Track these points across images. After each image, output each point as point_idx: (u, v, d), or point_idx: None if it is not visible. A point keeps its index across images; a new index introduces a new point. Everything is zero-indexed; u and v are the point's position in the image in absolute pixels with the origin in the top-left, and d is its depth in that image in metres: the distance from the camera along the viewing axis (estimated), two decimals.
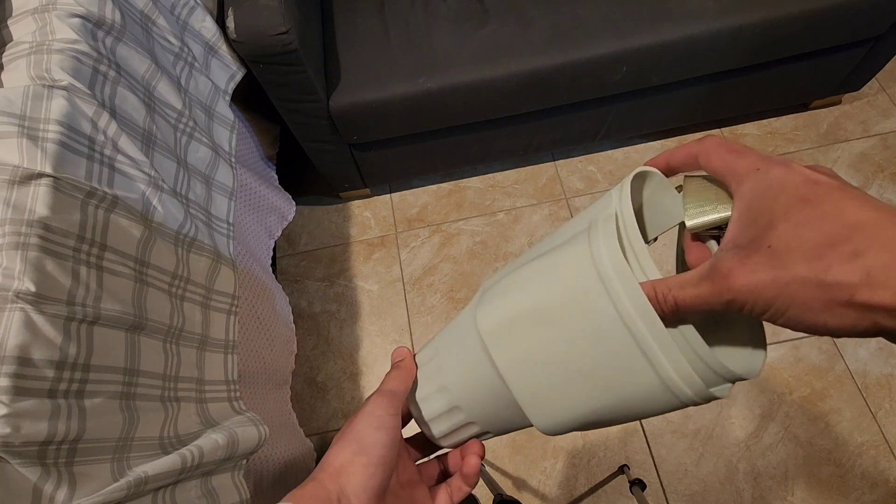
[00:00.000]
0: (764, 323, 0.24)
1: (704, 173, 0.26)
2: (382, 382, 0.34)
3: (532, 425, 0.29)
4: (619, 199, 0.25)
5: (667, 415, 1.18)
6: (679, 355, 0.22)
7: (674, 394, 0.23)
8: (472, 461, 0.34)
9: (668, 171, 0.28)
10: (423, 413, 0.34)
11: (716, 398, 0.23)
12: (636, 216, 0.25)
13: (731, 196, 0.24)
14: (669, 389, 0.23)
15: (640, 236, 0.24)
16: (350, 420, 0.32)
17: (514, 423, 0.31)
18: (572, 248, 0.25)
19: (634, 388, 0.24)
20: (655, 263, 0.25)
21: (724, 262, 0.21)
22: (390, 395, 0.32)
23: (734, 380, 0.23)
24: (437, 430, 0.34)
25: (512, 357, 0.27)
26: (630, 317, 0.23)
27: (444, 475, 0.38)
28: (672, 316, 0.23)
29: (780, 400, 1.18)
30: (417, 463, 0.38)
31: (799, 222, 0.20)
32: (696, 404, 0.24)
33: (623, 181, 0.25)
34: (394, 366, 0.35)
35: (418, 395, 0.34)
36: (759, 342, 0.26)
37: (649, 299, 0.23)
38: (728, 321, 0.27)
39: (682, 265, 0.29)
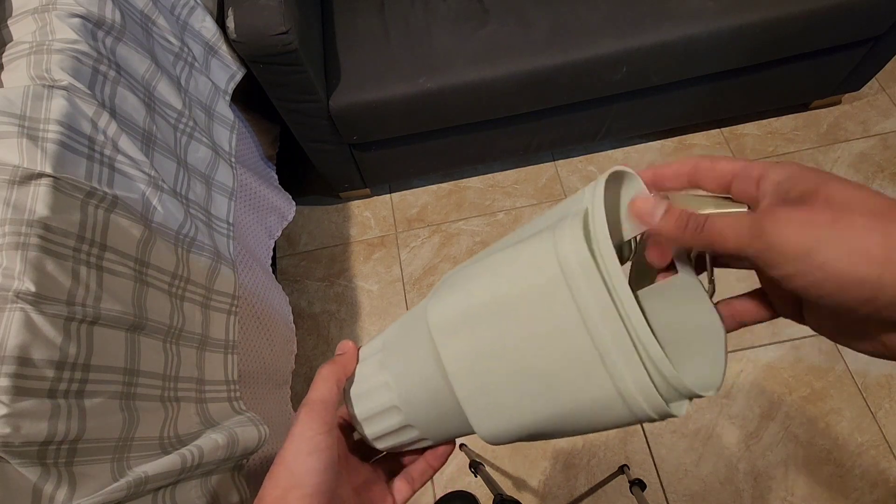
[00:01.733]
0: (726, 342, 0.24)
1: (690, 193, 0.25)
2: (312, 385, 0.30)
3: (474, 432, 0.27)
4: (592, 197, 0.23)
5: None
6: (639, 365, 0.21)
7: (629, 407, 0.22)
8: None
9: (654, 187, 0.26)
10: (357, 412, 0.31)
11: (671, 416, 0.22)
12: (610, 217, 0.23)
13: (725, 199, 0.23)
14: (625, 402, 0.22)
15: (608, 236, 0.21)
16: (282, 447, 0.29)
17: (456, 429, 0.29)
18: (535, 242, 0.23)
19: (588, 396, 0.22)
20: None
21: (775, 210, 0.20)
22: (321, 406, 0.29)
23: (692, 396, 0.22)
24: (370, 430, 0.31)
25: (460, 354, 0.25)
26: (592, 317, 0.21)
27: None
28: (686, 239, 0.22)
29: (780, 400, 1.18)
30: (374, 460, 0.36)
31: (853, 186, 0.20)
32: (650, 420, 0.22)
33: (598, 179, 0.24)
34: (329, 361, 0.32)
35: (356, 390, 0.32)
36: (719, 359, 0.24)
37: (673, 217, 0.22)
38: (687, 336, 0.25)
39: (637, 266, 0.28)
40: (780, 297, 0.25)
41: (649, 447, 1.17)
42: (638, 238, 0.27)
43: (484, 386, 0.25)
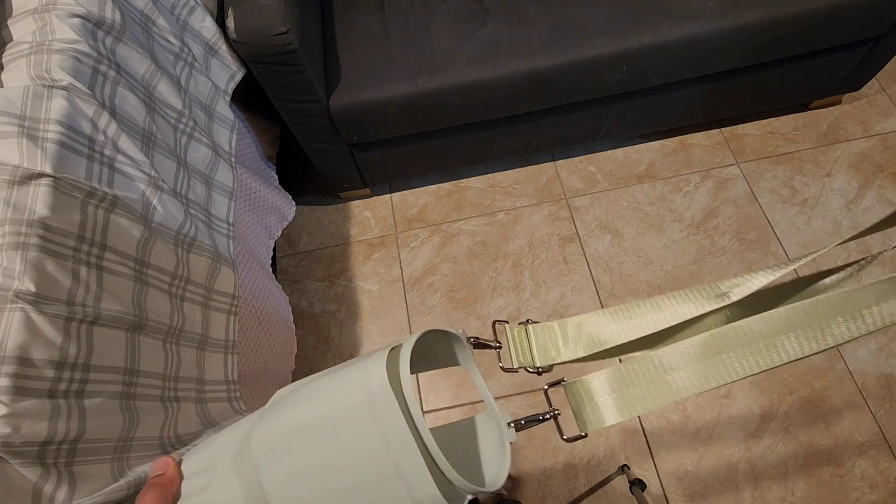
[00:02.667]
0: (510, 453, 0.27)
1: None
2: None
3: None
4: (406, 342, 0.26)
5: (666, 415, 1.18)
6: (428, 478, 0.24)
7: None
8: None
9: None
10: None
11: None
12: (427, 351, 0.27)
13: None
14: None
15: (409, 371, 0.25)
16: None
17: None
18: (351, 370, 0.27)
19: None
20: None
21: None
22: None
23: (478, 494, 0.25)
24: None
25: (279, 477, 0.26)
26: (390, 442, 0.24)
27: None
28: None
29: (780, 400, 1.18)
30: None
31: None
32: None
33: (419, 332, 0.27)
34: (149, 483, 0.29)
35: None
36: (503, 456, 0.28)
37: None
38: (472, 441, 0.29)
39: None
40: None
41: (649, 447, 1.17)
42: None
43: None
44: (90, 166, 0.63)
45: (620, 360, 0.30)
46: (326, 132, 1.21)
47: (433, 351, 0.30)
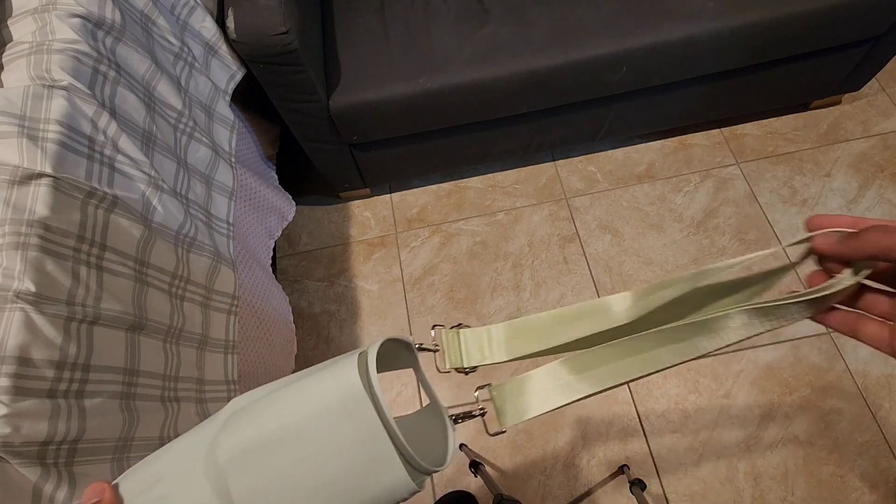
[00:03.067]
0: (454, 439, 0.31)
1: None
2: None
3: None
4: (372, 347, 0.29)
5: (666, 415, 1.18)
6: (401, 466, 0.27)
7: (392, 498, 0.27)
8: None
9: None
10: None
11: (417, 490, 0.28)
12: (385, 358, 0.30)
13: None
14: (390, 494, 0.27)
15: (376, 373, 0.27)
16: None
17: None
18: (319, 377, 0.28)
19: (361, 498, 0.27)
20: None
21: None
22: None
23: (430, 473, 0.28)
24: None
25: (253, 486, 0.27)
26: (365, 435, 0.27)
27: None
28: (878, 249, 0.25)
29: (780, 400, 1.18)
30: None
31: None
32: (404, 500, 0.28)
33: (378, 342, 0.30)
34: None
35: None
36: (448, 437, 0.32)
37: (833, 238, 0.27)
38: (429, 435, 0.33)
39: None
40: None
41: (649, 447, 1.17)
42: None
43: None
44: (90, 166, 0.64)
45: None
46: (326, 132, 1.21)
47: (390, 356, 0.33)
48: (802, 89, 1.40)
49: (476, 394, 0.36)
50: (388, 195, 1.54)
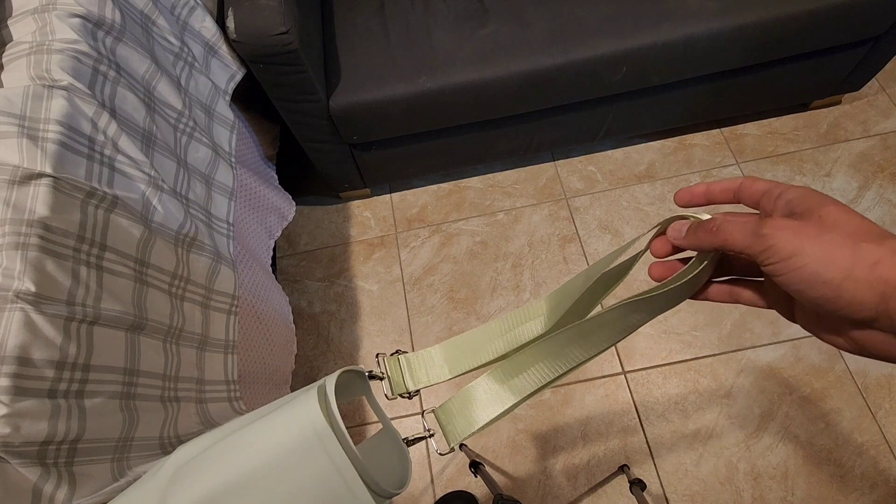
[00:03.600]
0: (409, 460, 0.33)
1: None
2: None
3: None
4: (329, 382, 0.29)
5: (666, 415, 1.18)
6: (367, 495, 0.27)
7: None
8: None
9: (708, 202, 0.33)
10: None
11: None
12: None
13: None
14: None
15: (336, 407, 0.28)
16: None
17: None
18: (272, 418, 0.28)
19: None
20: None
21: (775, 220, 0.27)
22: None
23: (393, 496, 0.29)
24: None
25: None
26: (332, 468, 0.27)
27: None
28: (704, 240, 0.30)
29: (780, 400, 1.18)
30: None
31: (843, 211, 0.26)
32: None
33: (330, 377, 0.30)
34: None
35: None
36: (407, 470, 0.33)
37: (693, 228, 0.30)
38: (388, 458, 0.34)
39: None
40: (775, 294, 0.31)
41: (649, 447, 1.17)
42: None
43: None
44: (90, 166, 0.63)
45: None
46: (326, 132, 1.21)
47: (345, 386, 0.33)
48: (802, 89, 1.40)
49: (423, 419, 0.37)
50: (388, 195, 1.54)
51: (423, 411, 0.38)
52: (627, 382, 1.24)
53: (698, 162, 1.48)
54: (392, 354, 0.38)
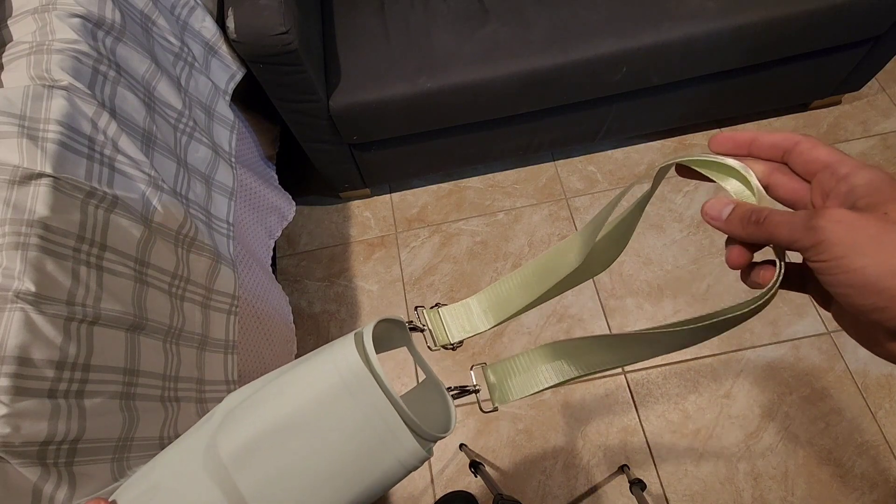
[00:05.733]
0: (453, 407, 0.33)
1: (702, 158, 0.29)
2: None
3: None
4: (366, 327, 0.29)
5: (666, 415, 1.18)
6: (410, 437, 0.27)
7: (405, 468, 0.28)
8: None
9: (749, 153, 0.28)
10: None
11: (428, 457, 0.29)
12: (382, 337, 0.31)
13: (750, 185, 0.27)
14: (403, 465, 0.28)
15: (374, 351, 0.28)
16: None
17: None
18: (315, 362, 0.28)
19: (376, 473, 0.27)
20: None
21: (832, 211, 0.23)
22: None
23: (437, 440, 0.29)
24: None
25: (261, 477, 0.26)
26: (372, 412, 0.27)
27: None
28: (749, 232, 0.26)
29: (780, 400, 1.18)
30: None
31: None
32: (415, 468, 0.28)
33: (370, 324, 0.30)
34: None
35: None
36: (450, 415, 0.33)
37: (737, 214, 0.26)
38: (432, 406, 0.34)
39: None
40: (816, 281, 0.27)
41: (649, 447, 1.17)
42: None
43: (287, 501, 0.27)
44: (90, 166, 0.63)
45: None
46: (326, 132, 1.21)
47: (384, 337, 0.33)
48: (802, 89, 1.40)
49: (471, 372, 0.37)
50: (388, 195, 1.54)
51: (473, 366, 0.38)
52: (627, 382, 1.23)
53: None
54: (431, 308, 0.38)
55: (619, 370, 1.24)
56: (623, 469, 1.13)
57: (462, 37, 1.15)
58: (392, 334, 0.34)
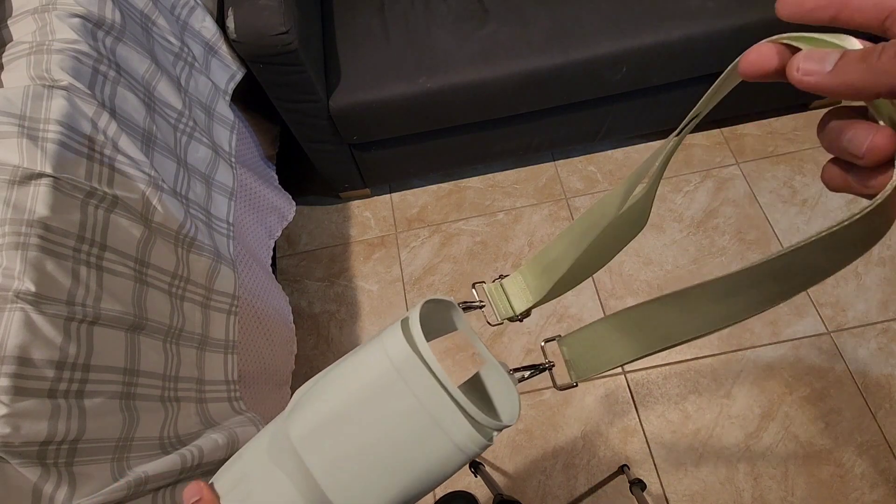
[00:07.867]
0: (517, 393, 0.31)
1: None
2: None
3: None
4: (413, 312, 0.29)
5: (666, 415, 1.18)
6: (465, 422, 0.27)
7: (464, 453, 0.28)
8: None
9: (836, 13, 0.20)
10: None
11: (489, 444, 0.29)
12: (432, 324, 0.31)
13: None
14: (461, 450, 0.28)
15: (422, 335, 0.28)
16: None
17: None
18: (367, 350, 0.29)
19: (434, 457, 0.28)
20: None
21: None
22: None
23: (502, 428, 0.29)
24: None
25: (325, 459, 0.28)
26: (424, 397, 0.27)
27: None
28: (882, 68, 0.18)
29: (780, 400, 1.18)
30: None
31: None
32: (476, 455, 0.29)
33: (420, 302, 0.30)
34: None
35: None
36: (513, 393, 0.32)
37: (853, 59, 0.19)
38: (495, 393, 0.33)
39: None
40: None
41: (649, 447, 1.17)
42: None
43: (350, 482, 0.28)
44: (90, 166, 0.64)
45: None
46: (326, 132, 1.21)
47: (434, 319, 0.33)
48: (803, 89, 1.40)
49: (542, 346, 0.36)
50: (388, 195, 1.54)
51: (547, 340, 0.37)
52: (627, 382, 1.23)
53: (698, 162, 1.48)
54: (494, 281, 0.37)
55: (619, 370, 1.24)
56: (623, 469, 1.13)
57: (462, 37, 1.15)
58: (443, 316, 0.34)
